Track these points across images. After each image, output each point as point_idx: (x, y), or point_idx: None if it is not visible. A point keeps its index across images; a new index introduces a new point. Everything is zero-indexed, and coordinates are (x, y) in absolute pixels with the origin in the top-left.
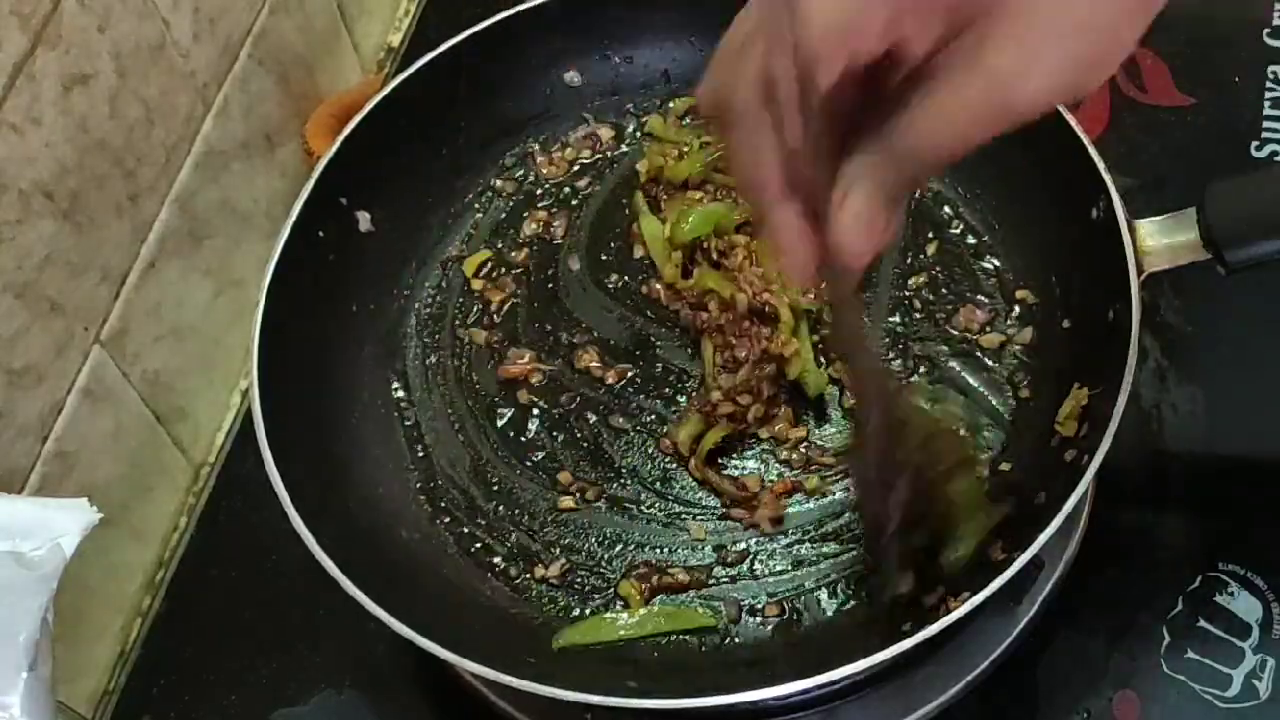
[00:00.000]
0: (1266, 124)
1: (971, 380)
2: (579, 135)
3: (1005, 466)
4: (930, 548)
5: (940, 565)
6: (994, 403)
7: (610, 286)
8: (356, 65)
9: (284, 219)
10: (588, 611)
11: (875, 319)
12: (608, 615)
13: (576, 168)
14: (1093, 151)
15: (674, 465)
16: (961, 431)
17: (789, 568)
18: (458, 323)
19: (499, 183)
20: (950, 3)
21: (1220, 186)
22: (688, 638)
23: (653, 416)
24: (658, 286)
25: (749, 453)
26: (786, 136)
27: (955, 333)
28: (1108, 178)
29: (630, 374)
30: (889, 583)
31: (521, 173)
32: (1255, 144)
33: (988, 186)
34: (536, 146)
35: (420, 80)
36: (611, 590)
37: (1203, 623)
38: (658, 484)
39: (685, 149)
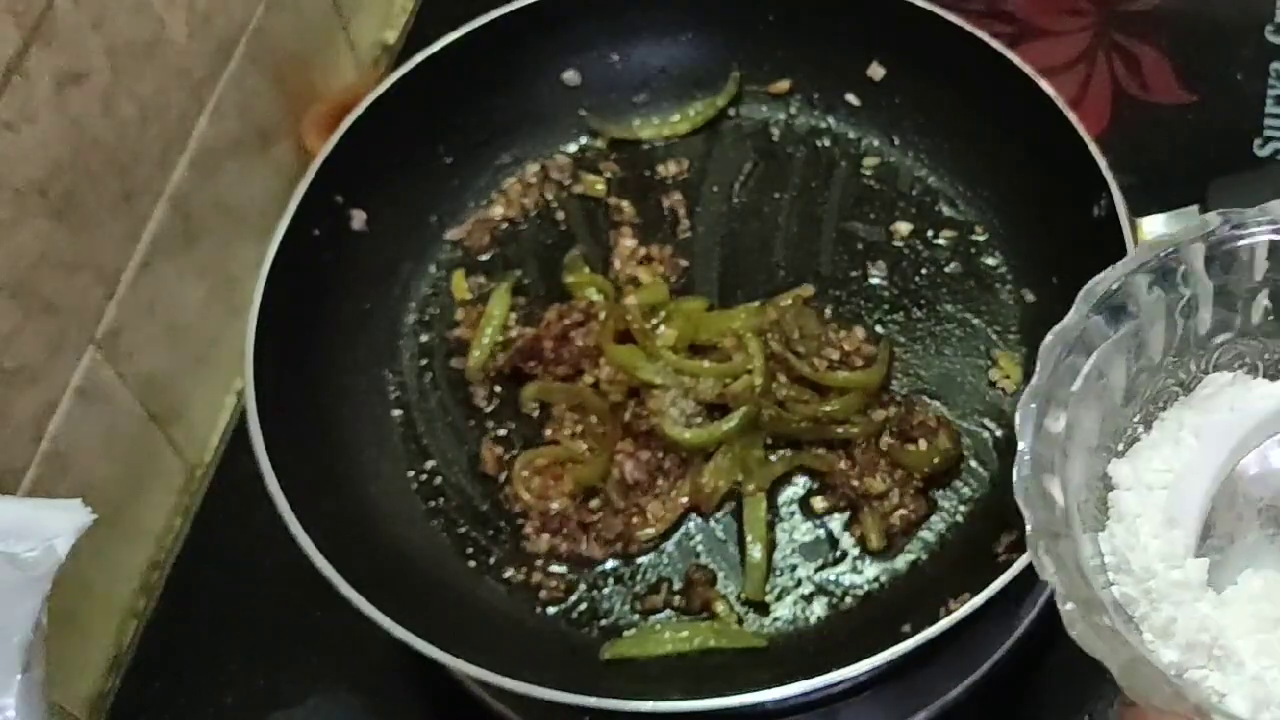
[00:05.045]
0: (1269, 121)
1: (972, 378)
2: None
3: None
4: None
5: None
6: (994, 402)
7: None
8: (352, 63)
9: (279, 218)
10: (583, 613)
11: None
12: (656, 628)
13: (572, 172)
14: (1094, 149)
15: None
16: None
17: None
18: (454, 322)
19: (496, 182)
20: None
21: (1223, 184)
22: None
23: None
24: None
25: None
26: None
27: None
28: (1109, 175)
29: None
30: None
31: (519, 172)
32: (1258, 141)
33: (989, 184)
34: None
35: (416, 78)
36: (609, 592)
37: None
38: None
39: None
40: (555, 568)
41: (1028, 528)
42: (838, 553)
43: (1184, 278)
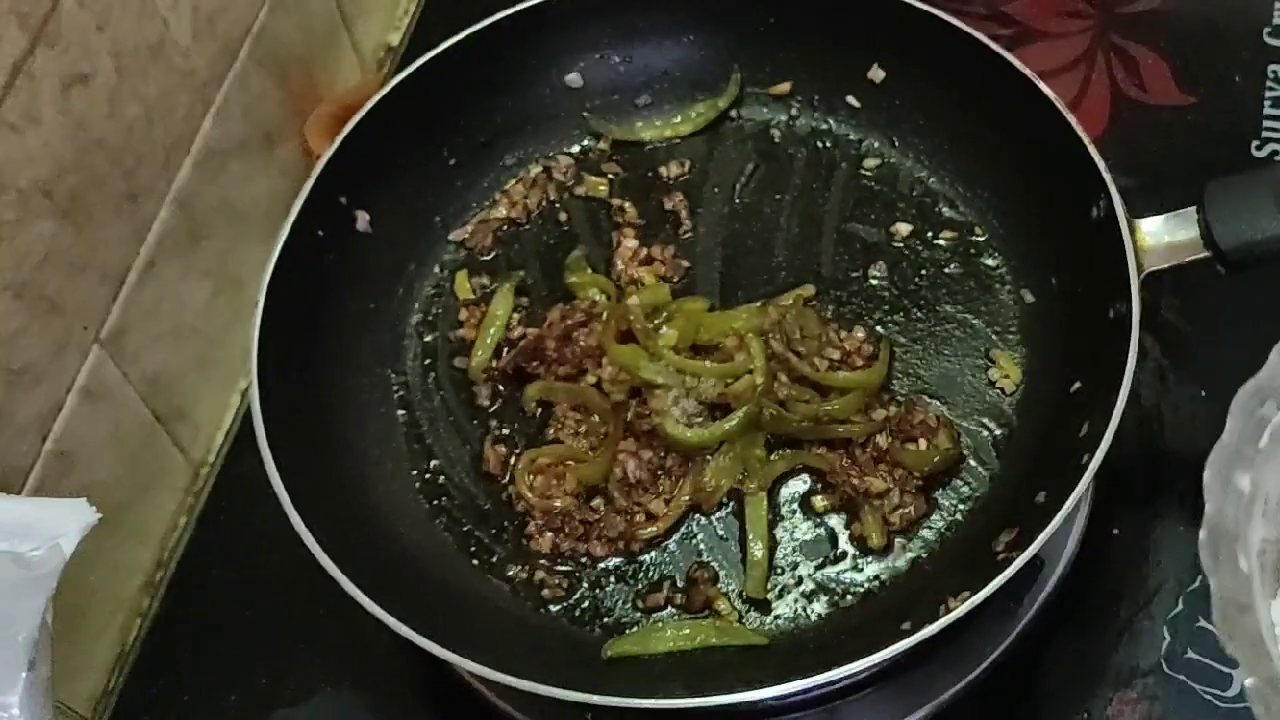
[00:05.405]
0: (1266, 123)
1: (972, 378)
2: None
3: (1005, 465)
4: None
5: None
6: (994, 401)
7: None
8: (356, 65)
9: (283, 219)
10: (586, 610)
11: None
12: (658, 625)
13: (575, 173)
14: (1093, 151)
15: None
16: None
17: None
18: (458, 323)
19: (499, 183)
20: None
21: (1220, 185)
22: None
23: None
24: None
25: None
26: None
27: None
28: (1108, 177)
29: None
30: None
31: (522, 174)
32: (1255, 143)
33: (988, 185)
34: (541, 153)
35: (420, 80)
36: (611, 590)
37: (1203, 623)
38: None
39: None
40: (558, 566)
41: (1213, 594)
42: (838, 551)
43: None
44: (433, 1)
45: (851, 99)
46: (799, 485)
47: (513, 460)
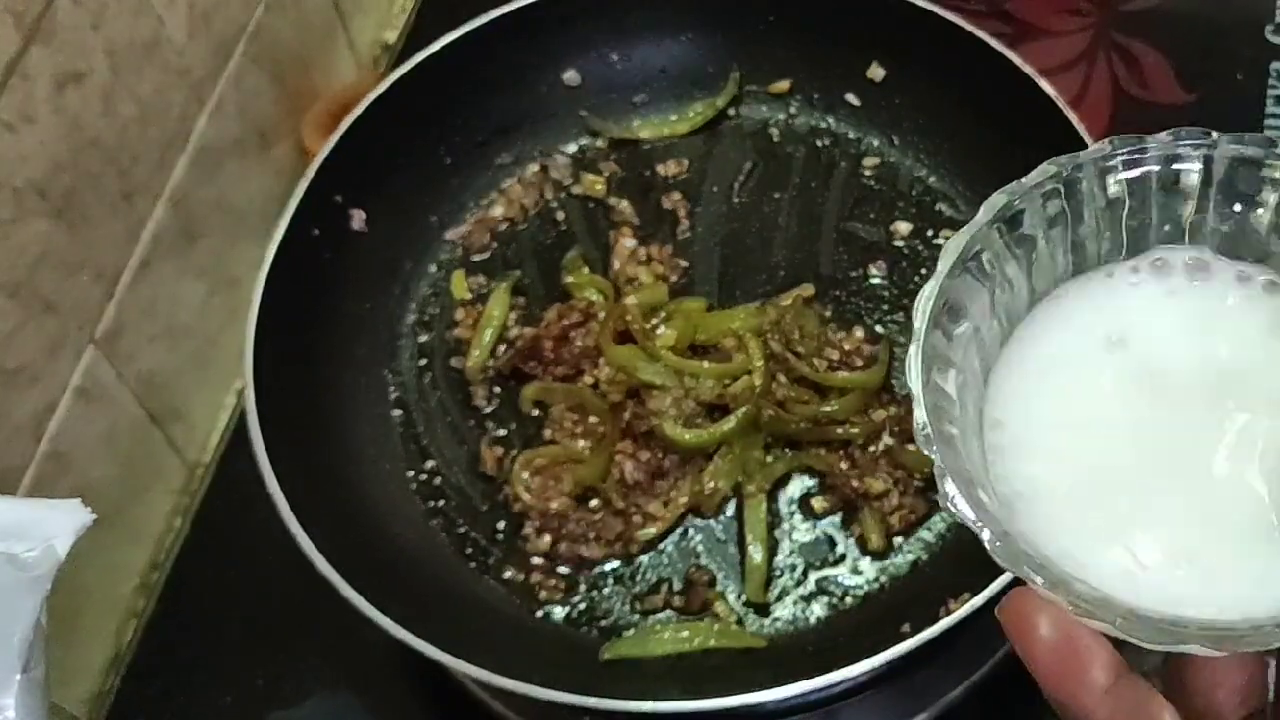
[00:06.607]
0: (1268, 121)
1: None
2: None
3: None
4: None
5: None
6: None
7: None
8: (352, 63)
9: (279, 217)
10: (583, 613)
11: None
12: (656, 628)
13: (572, 172)
14: None
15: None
16: None
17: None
18: (454, 322)
19: (495, 182)
20: None
21: None
22: None
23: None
24: None
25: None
26: None
27: None
28: None
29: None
30: None
31: (519, 172)
32: None
33: (989, 184)
34: (538, 151)
35: (416, 78)
36: (609, 593)
37: None
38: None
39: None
40: (555, 568)
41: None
42: (838, 553)
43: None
44: None
45: (851, 97)
46: (798, 487)
47: (509, 461)
